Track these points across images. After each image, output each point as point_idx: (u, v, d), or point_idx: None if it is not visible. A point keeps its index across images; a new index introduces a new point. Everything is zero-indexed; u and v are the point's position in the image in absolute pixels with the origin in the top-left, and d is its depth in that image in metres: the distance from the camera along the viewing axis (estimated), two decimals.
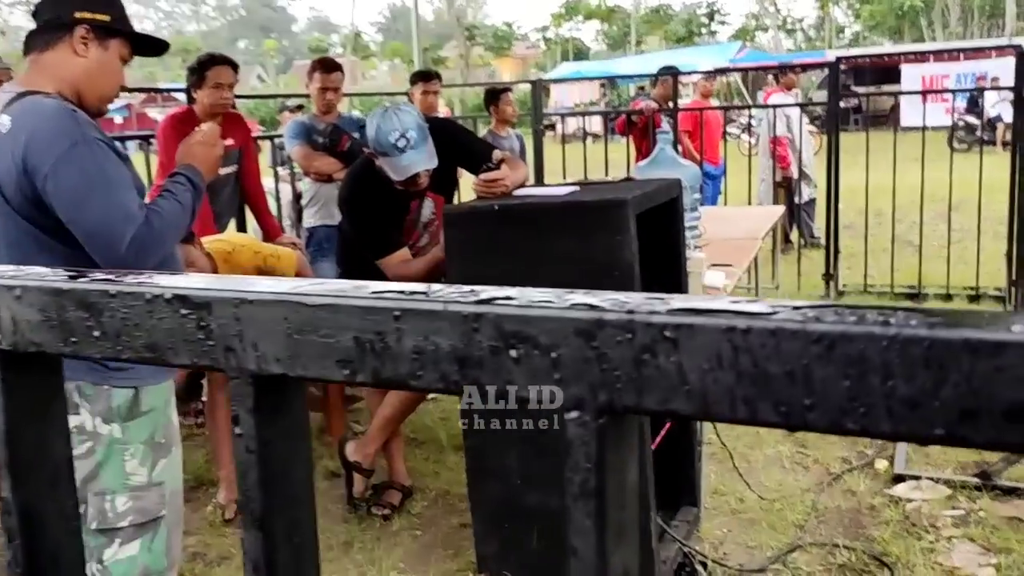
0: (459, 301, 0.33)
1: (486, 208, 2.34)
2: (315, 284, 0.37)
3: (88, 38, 1.88)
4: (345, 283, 0.37)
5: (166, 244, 1.88)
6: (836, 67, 6.07)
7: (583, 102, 30.86)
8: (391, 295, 0.35)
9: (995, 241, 6.11)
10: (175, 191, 1.92)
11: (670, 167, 3.29)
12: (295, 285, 0.37)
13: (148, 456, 1.92)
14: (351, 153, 4.11)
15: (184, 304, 0.37)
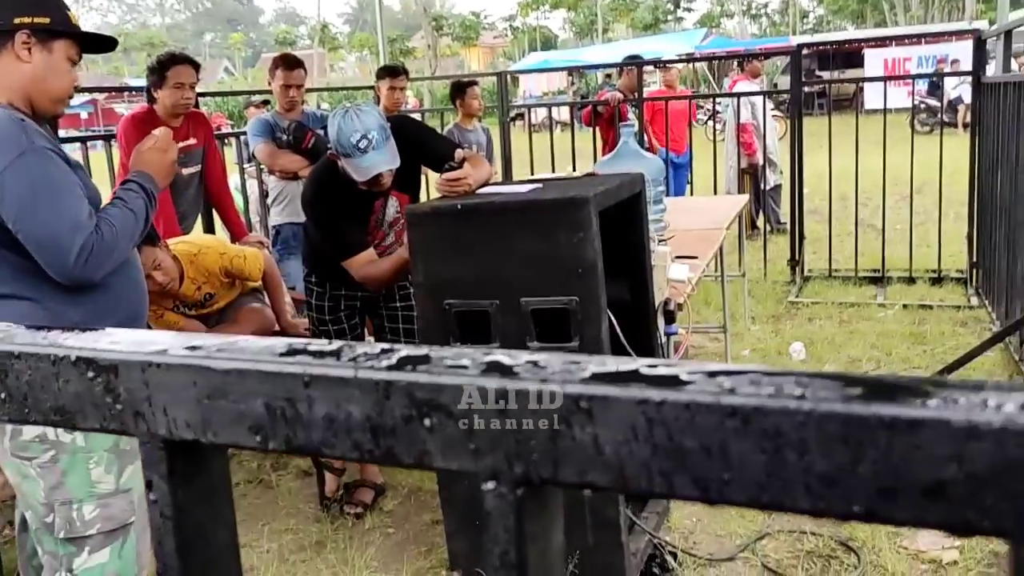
0: (372, 367, 0.32)
1: (449, 207, 2.32)
2: (225, 345, 0.36)
3: (30, 43, 1.84)
4: (256, 343, 0.36)
5: (117, 253, 1.85)
6: (799, 54, 6.10)
7: (551, 90, 30.86)
8: (302, 359, 0.33)
9: (956, 223, 6.20)
10: (126, 199, 1.89)
11: (634, 160, 3.29)
12: (206, 346, 0.36)
13: (114, 463, 1.90)
14: (315, 150, 4.07)
15: (90, 367, 0.36)
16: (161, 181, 2.00)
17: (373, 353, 0.33)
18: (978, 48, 5.45)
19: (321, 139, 4.09)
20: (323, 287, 3.03)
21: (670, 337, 2.67)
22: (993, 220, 4.87)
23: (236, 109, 27.60)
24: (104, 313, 1.90)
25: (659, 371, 0.27)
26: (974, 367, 3.92)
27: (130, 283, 1.97)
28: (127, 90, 11.78)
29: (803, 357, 4.39)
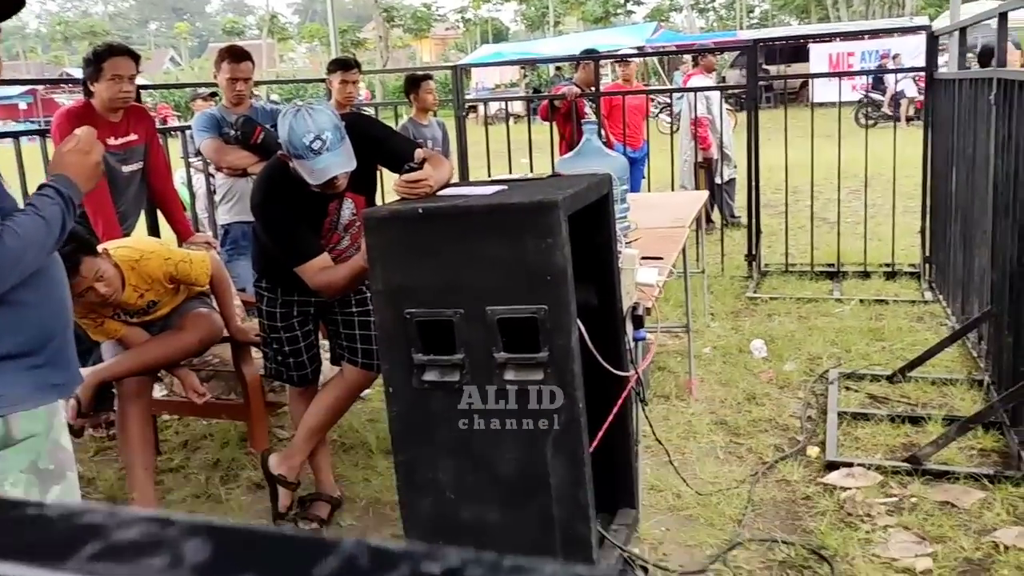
0: None
1: (409, 211, 2.21)
2: (130, 553, 0.25)
3: None
4: (180, 550, 0.25)
5: (23, 265, 1.70)
6: (755, 49, 6.10)
7: (504, 83, 30.73)
8: None
9: (905, 216, 6.26)
10: (39, 205, 1.74)
11: (597, 158, 3.21)
12: (91, 559, 0.25)
13: (34, 484, 1.78)
14: (265, 146, 3.93)
15: None
16: (83, 185, 1.85)
17: (366, 567, 0.23)
18: (930, 44, 5.49)
19: (271, 134, 3.94)
20: (275, 292, 2.89)
21: (638, 343, 2.59)
22: (947, 216, 4.90)
23: (183, 100, 26.98)
24: (6, 334, 1.74)
25: None
26: (933, 364, 3.93)
27: (43, 298, 1.81)
28: (66, 82, 11.33)
29: (764, 354, 4.37)
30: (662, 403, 3.81)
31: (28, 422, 1.79)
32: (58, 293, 1.88)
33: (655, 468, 3.17)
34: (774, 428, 3.54)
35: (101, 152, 1.90)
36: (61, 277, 1.92)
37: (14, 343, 1.77)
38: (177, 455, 3.63)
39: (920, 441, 3.23)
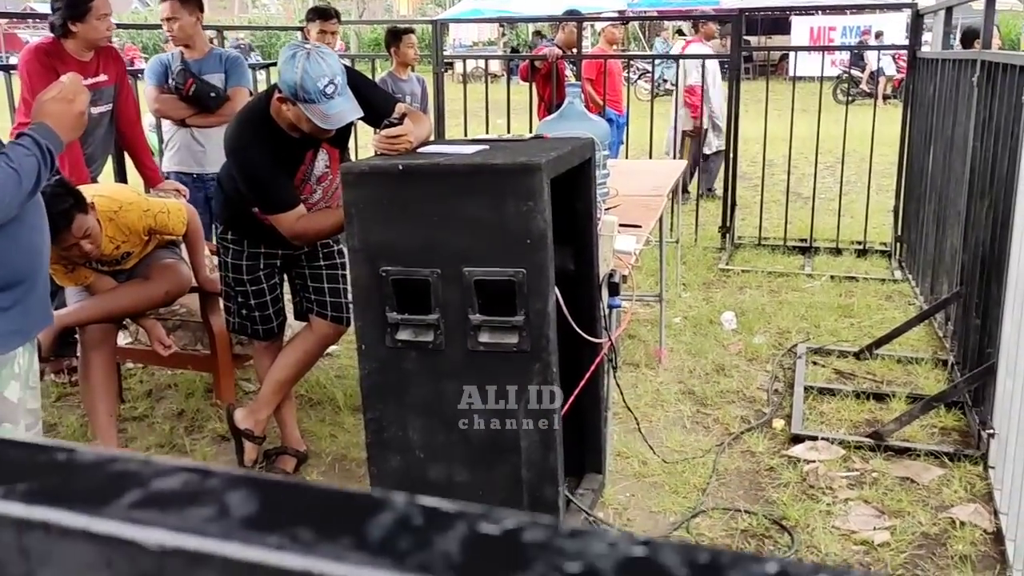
0: (429, 571, 0.21)
1: (389, 167, 2.16)
2: (174, 503, 0.23)
3: None
4: (225, 501, 0.23)
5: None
6: (740, 20, 6.05)
7: (481, 40, 30.33)
8: (306, 539, 0.21)
9: (878, 195, 6.30)
10: (14, 156, 1.68)
11: (579, 121, 3.17)
12: (134, 506, 0.23)
13: None
14: (197, 97, 3.95)
15: None
16: (65, 135, 1.79)
17: (420, 524, 0.21)
18: (914, 22, 5.48)
19: (203, 87, 3.92)
20: (240, 245, 2.82)
21: (613, 310, 2.59)
22: (921, 196, 4.94)
23: (151, 42, 26.30)
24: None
25: None
26: (900, 342, 3.99)
27: (12, 244, 1.77)
28: (33, 16, 10.96)
29: (734, 327, 4.40)
30: (631, 371, 3.82)
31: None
32: (29, 238, 1.83)
33: (622, 435, 3.19)
34: (741, 400, 3.57)
35: (86, 101, 1.84)
36: (35, 223, 1.86)
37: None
38: (141, 404, 3.58)
39: (884, 418, 3.28)
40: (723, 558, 0.26)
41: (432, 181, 2.14)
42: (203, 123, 4.01)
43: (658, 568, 0.26)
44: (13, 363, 1.87)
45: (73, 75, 1.88)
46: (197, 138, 4.06)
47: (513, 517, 0.27)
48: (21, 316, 1.83)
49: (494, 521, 0.27)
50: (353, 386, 3.65)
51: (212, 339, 3.32)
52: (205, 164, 4.07)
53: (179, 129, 4.07)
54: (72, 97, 1.81)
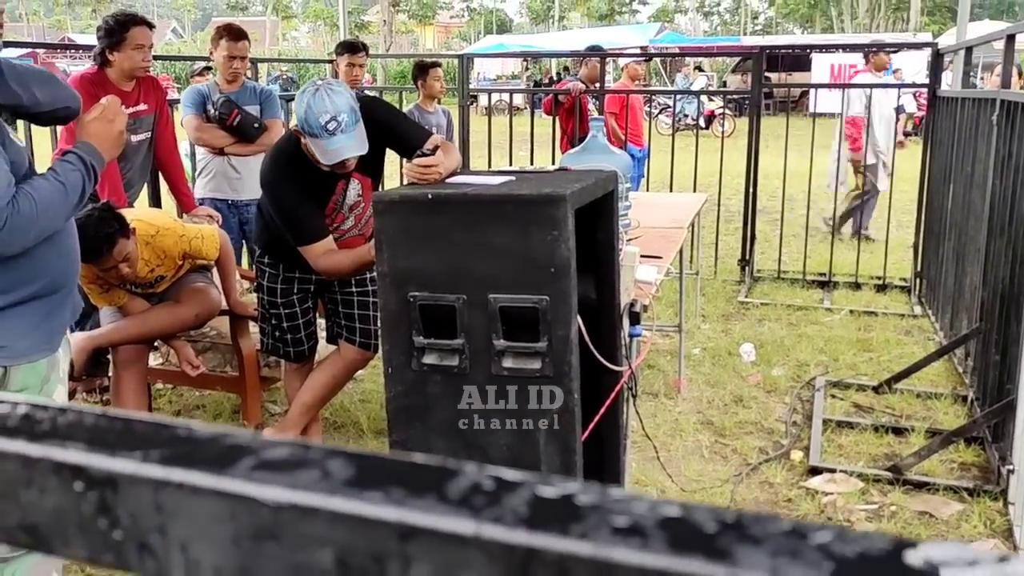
0: (498, 519, 0.26)
1: (419, 196, 2.24)
2: (281, 458, 0.29)
3: None
4: (320, 452, 0.29)
5: (38, 229, 1.74)
6: (760, 57, 6.14)
7: (505, 74, 30.71)
8: (395, 495, 0.27)
9: (898, 231, 6.32)
10: (60, 171, 1.78)
11: (602, 155, 3.25)
12: (251, 470, 0.29)
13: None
14: (240, 128, 4.09)
15: (79, 477, 0.28)
16: (107, 153, 1.89)
17: (491, 488, 0.27)
18: (935, 61, 5.55)
19: (247, 118, 4.07)
20: (276, 269, 2.92)
21: (634, 339, 2.64)
22: (941, 232, 4.97)
23: (184, 72, 26.80)
24: (18, 282, 1.80)
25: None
26: (919, 377, 4.00)
27: (55, 251, 1.86)
28: (71, 47, 11.26)
29: (753, 359, 4.42)
30: (650, 400, 3.86)
31: (26, 374, 1.83)
32: (68, 244, 1.93)
33: (641, 463, 3.22)
34: (759, 431, 3.59)
35: (125, 121, 1.94)
36: (71, 228, 1.96)
37: (27, 293, 1.81)
38: None
39: (902, 451, 3.29)
40: (746, 518, 0.31)
41: (460, 210, 2.21)
42: (242, 152, 4.17)
43: (691, 524, 0.31)
44: (58, 366, 1.95)
45: (113, 97, 1.97)
46: (234, 165, 4.21)
47: (568, 483, 0.33)
48: (62, 316, 1.92)
49: (553, 485, 0.32)
50: (377, 410, 3.71)
51: (241, 361, 3.39)
52: (240, 191, 4.22)
53: (215, 157, 4.21)
54: (112, 117, 1.91)
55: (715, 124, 16.41)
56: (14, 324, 1.79)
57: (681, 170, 6.59)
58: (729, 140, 7.98)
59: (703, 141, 6.35)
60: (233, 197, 4.28)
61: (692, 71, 23.47)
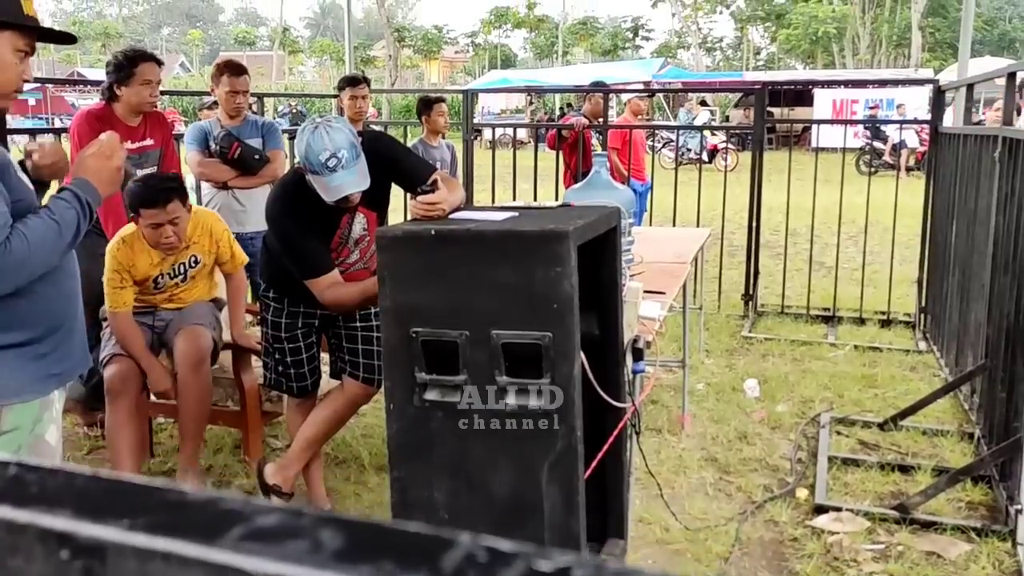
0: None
1: (422, 232, 2.25)
2: (274, 537, 0.28)
3: None
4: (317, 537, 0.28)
5: (30, 268, 1.73)
6: (763, 93, 6.19)
7: (509, 109, 30.98)
8: (388, 569, 0.26)
9: (902, 265, 6.32)
10: (55, 209, 1.77)
11: (606, 191, 3.26)
12: (240, 539, 0.28)
13: None
14: (241, 160, 4.14)
15: (65, 545, 0.28)
16: (103, 189, 1.88)
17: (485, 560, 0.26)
18: (937, 98, 5.58)
19: (247, 150, 4.12)
20: (281, 303, 2.92)
21: (637, 375, 2.62)
22: (945, 267, 4.96)
23: (191, 106, 27.10)
24: (16, 322, 1.79)
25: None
26: (925, 414, 3.97)
27: (54, 290, 1.85)
28: (81, 83, 11.40)
29: (757, 394, 4.40)
30: (654, 436, 3.83)
31: (18, 414, 1.81)
32: (68, 285, 1.91)
33: (644, 500, 3.19)
34: (764, 468, 3.56)
35: (123, 157, 1.94)
36: (72, 270, 1.95)
37: (21, 334, 1.80)
38: (171, 458, 3.64)
39: (909, 490, 3.25)
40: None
41: (463, 246, 2.21)
42: (245, 185, 4.21)
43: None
44: (52, 407, 1.93)
45: (111, 133, 1.98)
46: (238, 198, 4.25)
47: (564, 556, 0.31)
48: (59, 361, 1.89)
49: (548, 558, 0.31)
50: (378, 445, 3.69)
51: (243, 395, 3.38)
52: (245, 224, 4.25)
53: (219, 191, 4.24)
54: (110, 153, 1.91)
55: (718, 158, 16.50)
56: (8, 363, 1.78)
57: (684, 204, 6.62)
58: (732, 174, 8.02)
59: (706, 175, 6.38)
60: (238, 230, 4.28)
61: (696, 105, 23.65)
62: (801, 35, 39.96)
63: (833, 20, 38.53)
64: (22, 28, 1.79)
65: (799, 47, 42.53)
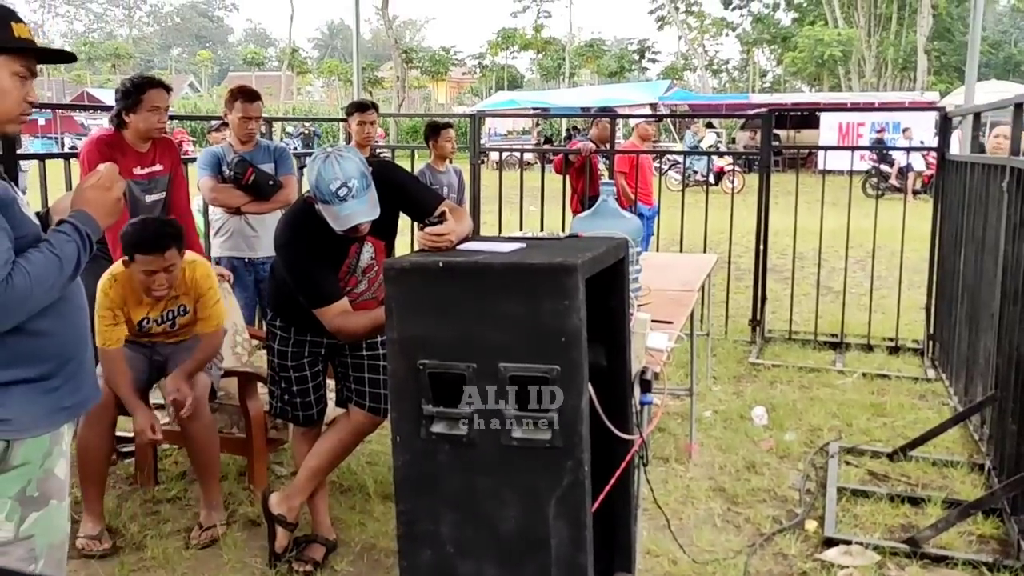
0: None
1: (430, 264, 2.24)
2: None
3: None
4: None
5: (32, 302, 1.72)
6: (770, 117, 6.19)
7: (516, 130, 31.09)
8: None
9: (908, 291, 6.29)
10: (55, 243, 1.77)
11: (613, 219, 3.25)
12: None
13: (16, 511, 1.80)
14: (255, 186, 4.15)
15: None
16: (103, 220, 1.88)
17: None
18: (943, 124, 5.58)
19: (261, 175, 4.14)
20: (288, 332, 2.91)
21: (645, 406, 2.61)
22: (954, 294, 4.94)
23: (199, 127, 27.30)
24: (25, 357, 1.78)
25: None
26: (935, 444, 3.93)
27: (61, 325, 1.84)
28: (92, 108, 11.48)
29: (765, 422, 4.37)
30: (661, 465, 3.80)
31: (29, 449, 1.81)
32: (76, 319, 1.90)
33: (652, 532, 3.16)
34: (772, 499, 3.53)
35: (122, 188, 1.93)
36: (81, 303, 1.94)
37: (31, 370, 1.79)
38: (175, 486, 3.62)
39: (919, 522, 3.22)
40: None
41: (471, 278, 2.20)
42: (258, 210, 4.22)
43: None
44: (62, 440, 1.92)
45: (110, 164, 1.97)
46: (250, 223, 4.27)
47: None
48: (70, 394, 1.88)
49: None
50: (384, 473, 3.67)
51: (248, 423, 3.37)
52: (257, 249, 4.27)
53: (231, 216, 4.24)
54: (109, 185, 1.90)
55: (724, 181, 16.51)
56: (19, 398, 1.77)
57: (690, 227, 6.61)
58: (739, 196, 8.01)
59: (712, 197, 6.37)
60: (250, 255, 4.33)
61: (701, 127, 23.69)
62: (807, 58, 40.11)
63: (839, 43, 38.66)
64: (16, 51, 1.78)
65: (805, 70, 42.68)
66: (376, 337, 2.90)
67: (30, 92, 1.83)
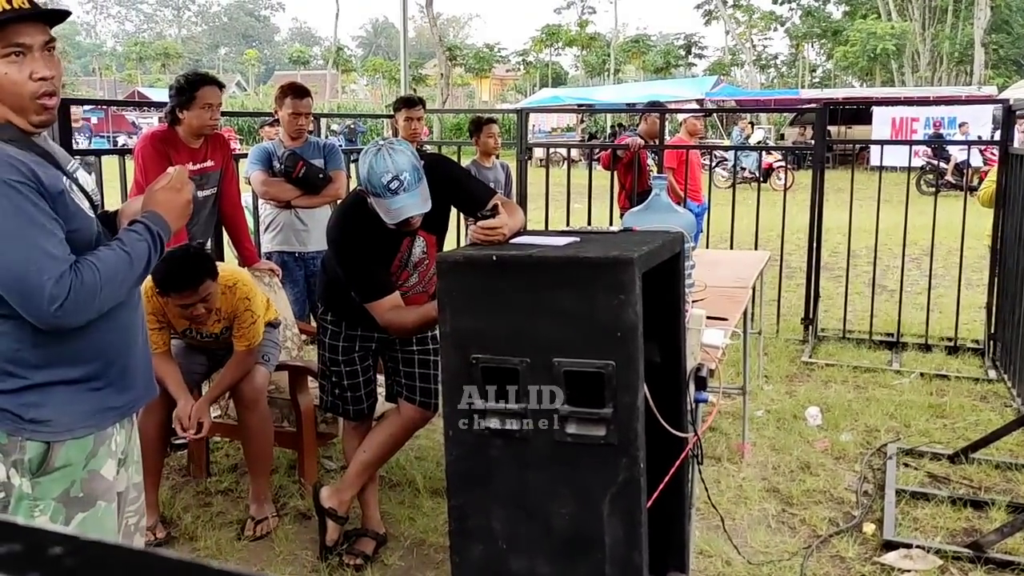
0: None
1: (483, 258, 2.22)
2: None
3: None
4: None
5: (102, 299, 1.70)
6: (824, 112, 6.06)
7: (560, 126, 31.00)
8: None
9: (968, 290, 6.10)
10: (126, 241, 1.76)
11: (666, 214, 3.21)
12: None
13: (61, 512, 1.78)
14: (306, 179, 4.18)
15: None
16: (174, 222, 1.87)
17: None
18: (1006, 117, 5.40)
19: (312, 169, 4.16)
20: (339, 326, 2.92)
21: (699, 404, 2.56)
22: (1016, 293, 4.78)
23: (246, 125, 27.68)
24: (70, 357, 1.76)
25: None
26: (998, 446, 3.81)
27: (109, 324, 1.80)
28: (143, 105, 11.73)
29: (819, 422, 4.27)
30: (713, 465, 3.73)
31: (69, 451, 1.77)
32: (127, 317, 1.86)
33: (705, 532, 3.10)
34: (828, 500, 3.44)
35: (192, 190, 1.93)
36: (133, 302, 1.92)
37: (73, 369, 1.77)
38: (227, 478, 3.66)
39: (982, 527, 3.11)
40: None
41: (525, 272, 2.18)
42: (308, 204, 4.26)
43: None
44: (110, 441, 1.88)
45: (181, 167, 1.97)
46: (301, 218, 4.30)
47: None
48: (118, 393, 1.85)
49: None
50: (432, 468, 3.66)
51: (299, 416, 3.39)
52: (308, 243, 4.31)
53: (281, 211, 4.29)
54: (180, 187, 1.89)
55: (773, 177, 16.25)
56: (58, 399, 1.75)
57: (740, 224, 6.50)
58: (788, 193, 7.86)
59: (762, 195, 6.26)
60: (300, 249, 4.36)
61: (747, 124, 23.34)
62: (859, 52, 39.30)
63: (892, 37, 37.81)
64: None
65: (856, 64, 41.83)
66: (426, 332, 2.89)
67: (36, 68, 1.67)
